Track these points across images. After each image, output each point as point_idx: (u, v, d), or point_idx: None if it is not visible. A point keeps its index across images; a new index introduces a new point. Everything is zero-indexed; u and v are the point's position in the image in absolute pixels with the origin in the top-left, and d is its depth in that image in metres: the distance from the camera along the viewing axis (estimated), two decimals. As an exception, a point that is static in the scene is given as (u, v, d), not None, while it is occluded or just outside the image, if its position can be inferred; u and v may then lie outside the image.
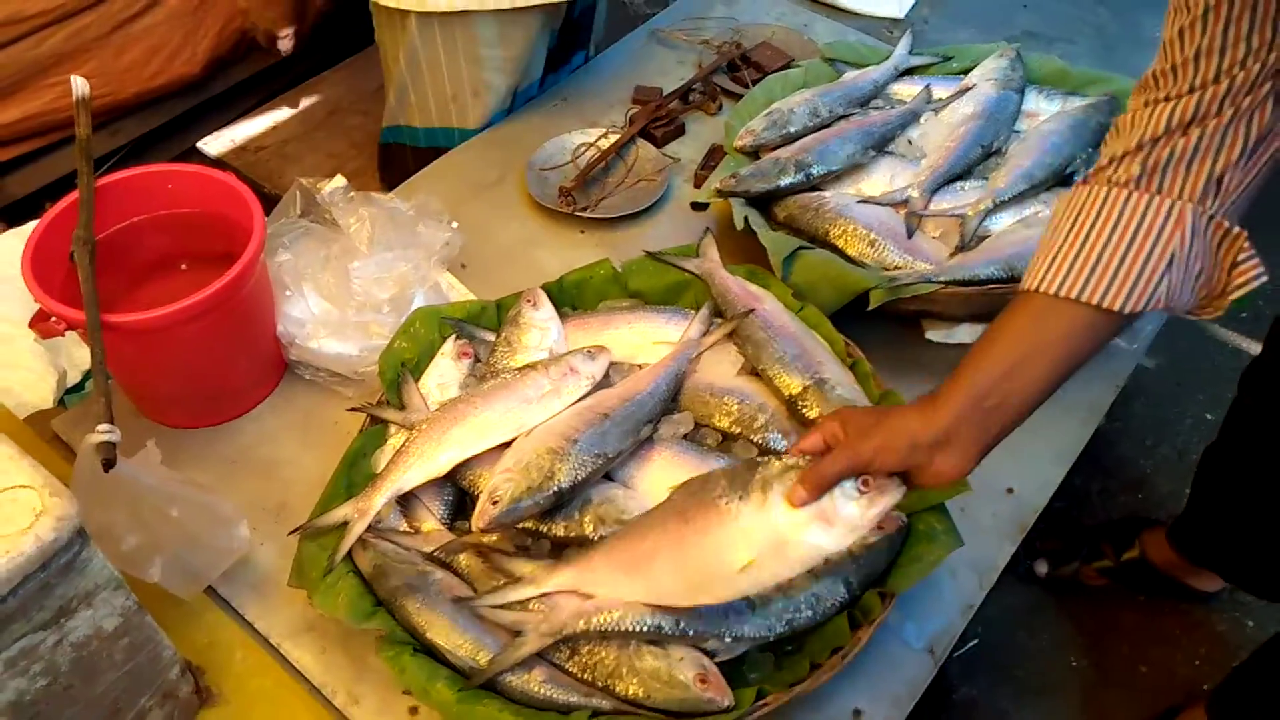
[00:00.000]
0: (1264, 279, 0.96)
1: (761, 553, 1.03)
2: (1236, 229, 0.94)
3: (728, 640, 1.13)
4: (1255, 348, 2.16)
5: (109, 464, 1.10)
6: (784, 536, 1.03)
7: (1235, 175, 0.91)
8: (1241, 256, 0.95)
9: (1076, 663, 1.87)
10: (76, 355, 1.79)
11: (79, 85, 1.40)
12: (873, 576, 1.18)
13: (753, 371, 1.42)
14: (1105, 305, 0.94)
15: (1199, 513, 1.73)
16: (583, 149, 1.91)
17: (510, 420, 1.29)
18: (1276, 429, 1.49)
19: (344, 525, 1.23)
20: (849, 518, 1.01)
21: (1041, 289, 0.97)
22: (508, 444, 1.29)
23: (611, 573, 1.12)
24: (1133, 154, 0.94)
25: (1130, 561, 1.87)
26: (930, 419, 0.99)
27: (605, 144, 1.90)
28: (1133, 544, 1.87)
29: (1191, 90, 0.91)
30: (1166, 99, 0.93)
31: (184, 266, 1.49)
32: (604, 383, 1.36)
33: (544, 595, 1.14)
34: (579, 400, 1.32)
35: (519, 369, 1.36)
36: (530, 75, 1.95)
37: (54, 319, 1.27)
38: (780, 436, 1.36)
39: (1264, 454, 1.51)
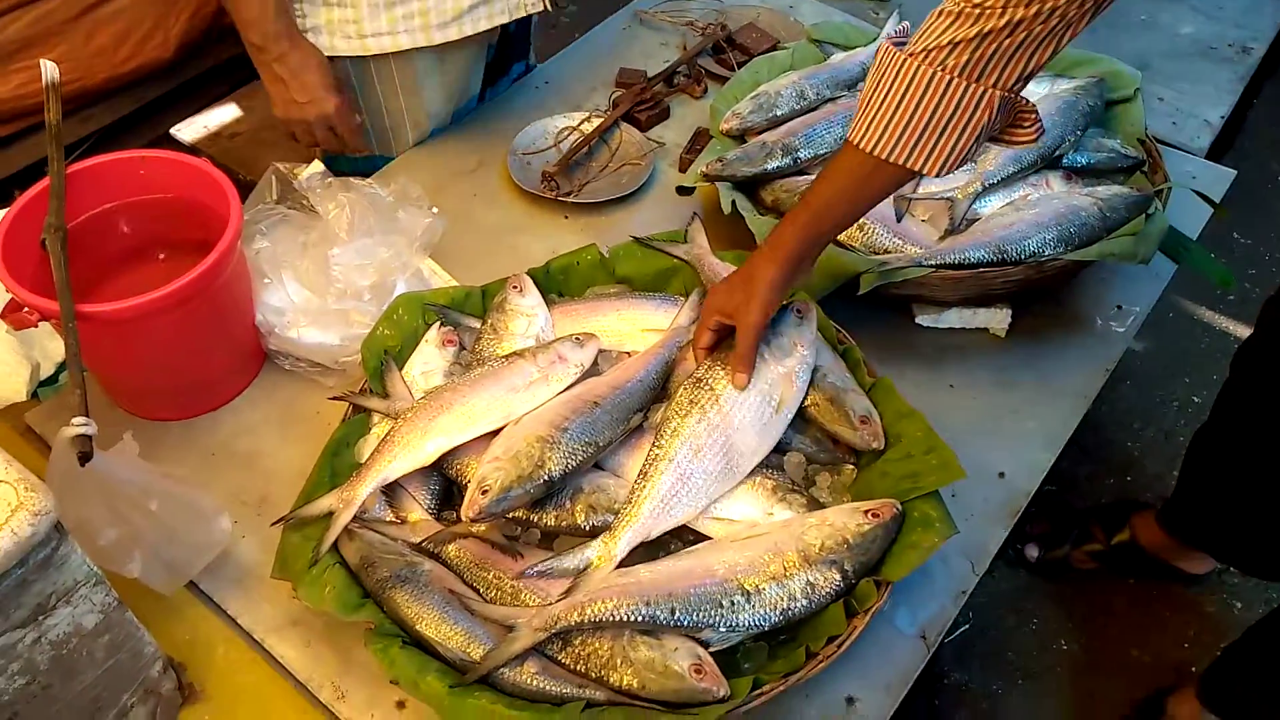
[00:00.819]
0: (1041, 136, 1.21)
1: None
2: (1027, 100, 1.17)
3: (722, 630, 1.11)
4: (1243, 330, 2.17)
5: (85, 457, 1.07)
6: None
7: (1042, 66, 1.11)
8: (1027, 121, 1.19)
9: (1067, 646, 1.88)
10: (50, 347, 1.75)
11: (49, 70, 1.36)
12: (868, 564, 1.17)
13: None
14: (924, 171, 1.15)
15: (1190, 493, 1.73)
16: (565, 133, 1.88)
17: (498, 408, 1.27)
18: (1268, 409, 1.49)
19: (328, 516, 1.21)
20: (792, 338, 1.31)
21: (873, 151, 1.15)
22: (495, 433, 1.26)
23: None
24: (966, 44, 1.07)
25: (1120, 544, 1.87)
26: (780, 263, 1.24)
27: (588, 128, 1.87)
28: (1123, 527, 1.88)
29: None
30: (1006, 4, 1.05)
31: (160, 255, 1.45)
32: (592, 370, 1.34)
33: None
34: (568, 388, 1.29)
35: (506, 356, 1.34)
36: (468, 94, 1.91)
37: (26, 309, 1.24)
38: (771, 423, 1.34)
39: (1255, 434, 1.52)
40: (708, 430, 1.23)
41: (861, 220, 1.57)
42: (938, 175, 1.16)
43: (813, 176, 1.66)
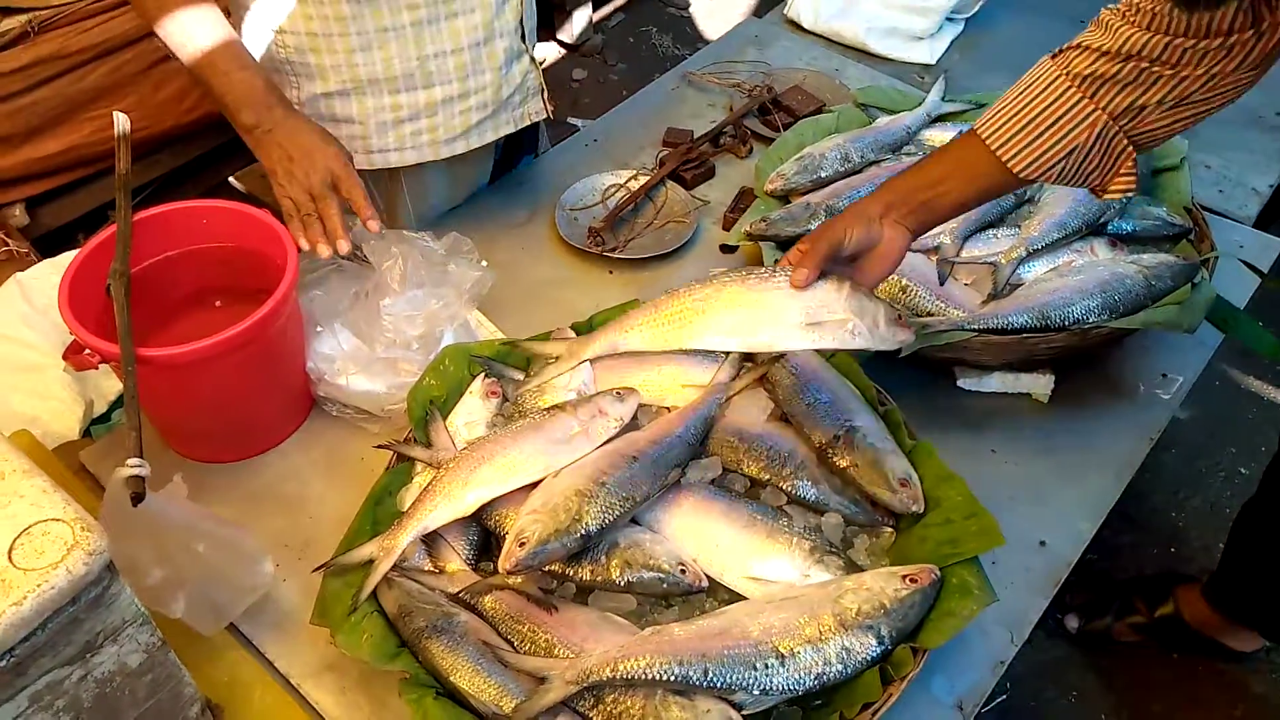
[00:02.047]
0: (1132, 193, 1.26)
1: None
2: (1131, 147, 1.20)
3: (755, 693, 1.10)
4: (1290, 400, 2.13)
5: (138, 498, 1.10)
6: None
7: (1154, 112, 1.16)
8: (1124, 170, 1.23)
9: (1108, 721, 1.83)
10: (104, 386, 1.80)
11: (120, 121, 1.42)
12: (905, 631, 1.16)
13: (782, 417, 1.41)
14: (1009, 165, 1.21)
15: (1236, 568, 1.70)
16: (612, 190, 1.91)
17: (538, 461, 1.28)
18: None
19: (369, 563, 1.22)
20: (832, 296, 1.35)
21: (981, 134, 1.23)
22: (534, 484, 1.28)
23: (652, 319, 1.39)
24: (1093, 53, 1.15)
25: (1164, 617, 1.83)
26: (877, 197, 1.31)
27: (635, 185, 1.91)
28: (1166, 599, 1.84)
29: (1168, 33, 1.10)
30: (1148, 28, 1.12)
31: (218, 302, 1.50)
32: (632, 425, 1.35)
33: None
34: (607, 442, 1.31)
35: (547, 409, 1.35)
36: (475, 188, 1.94)
37: (88, 351, 1.28)
38: (809, 484, 1.34)
39: None
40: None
41: (905, 282, 1.58)
42: (1019, 174, 1.21)
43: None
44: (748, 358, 1.46)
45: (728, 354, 1.45)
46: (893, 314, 1.38)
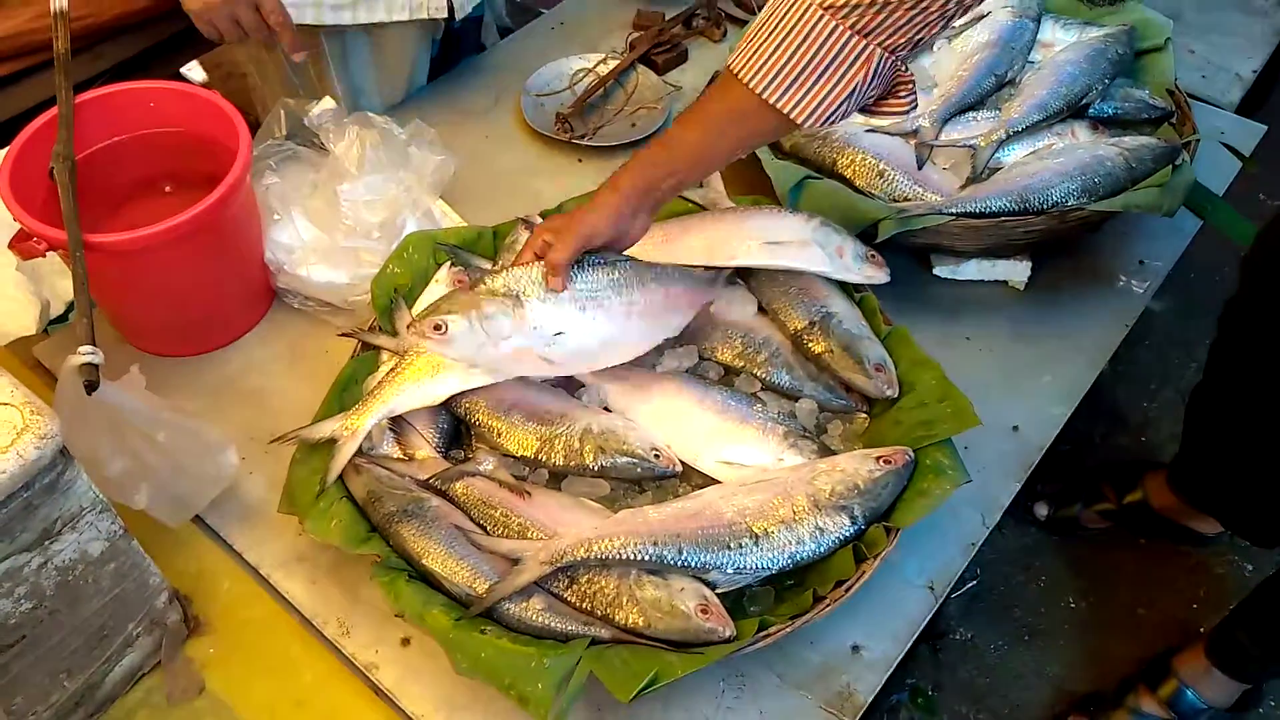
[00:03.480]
0: (913, 110, 1.15)
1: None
2: (907, 69, 1.12)
3: (729, 572, 1.10)
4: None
5: (91, 386, 1.06)
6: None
7: (930, 40, 1.10)
8: (903, 92, 1.14)
9: (1074, 604, 1.87)
10: (59, 286, 1.74)
11: (56, -2, 1.33)
12: (878, 511, 1.16)
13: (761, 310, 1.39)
14: (791, 116, 1.09)
15: (1191, 455, 1.71)
16: (581, 75, 1.85)
17: None
18: (1255, 367, 1.46)
19: (330, 443, 1.20)
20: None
21: (751, 85, 1.09)
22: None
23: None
24: (868, 5, 1.03)
25: (1132, 504, 1.86)
26: (624, 193, 1.17)
27: (604, 70, 1.84)
28: (1135, 486, 1.86)
29: None
30: None
31: (167, 189, 1.44)
32: None
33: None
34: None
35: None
36: (411, 86, 1.86)
37: (35, 239, 1.23)
38: (784, 371, 1.33)
39: (1246, 392, 1.49)
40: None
41: (882, 167, 1.55)
42: (803, 124, 1.10)
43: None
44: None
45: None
46: (862, 250, 1.37)
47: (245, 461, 1.30)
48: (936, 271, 1.57)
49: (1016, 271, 1.56)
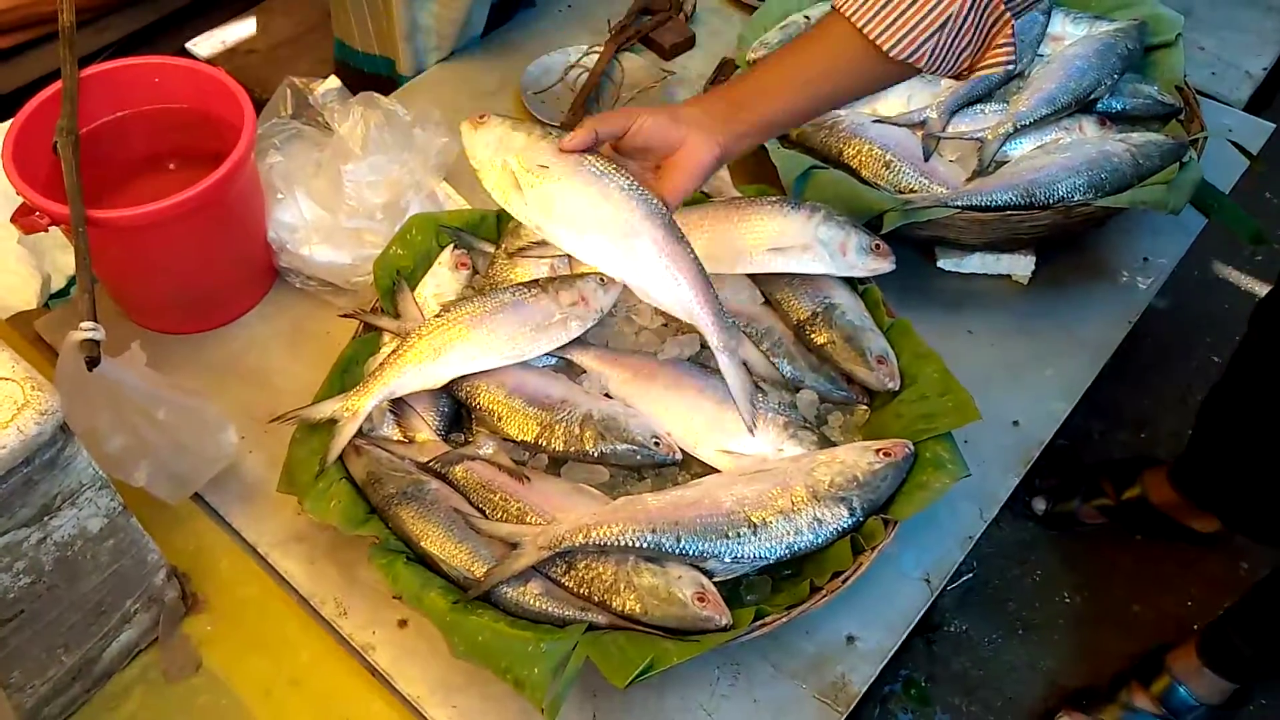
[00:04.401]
0: (1011, 67, 1.08)
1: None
2: (1009, 15, 1.04)
3: (727, 561, 1.11)
4: (1265, 290, 2.12)
5: (92, 362, 1.07)
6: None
7: None
8: (1002, 40, 1.05)
9: (1069, 599, 1.87)
10: (61, 260, 1.73)
11: (62, -33, 1.32)
12: (877, 503, 1.16)
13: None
14: (878, 42, 1.03)
15: (1200, 453, 1.71)
16: (572, 70, 1.83)
17: (514, 345, 1.25)
18: None
19: (331, 424, 1.20)
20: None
21: (843, 10, 1.05)
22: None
23: None
24: None
25: (1130, 500, 1.86)
26: (697, 98, 1.13)
27: (590, 62, 1.83)
28: (1134, 483, 1.86)
29: None
30: None
31: (171, 166, 1.44)
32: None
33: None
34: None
35: (525, 284, 1.31)
36: (469, 33, 1.86)
37: (37, 214, 1.22)
38: (785, 361, 1.33)
39: (1268, 394, 1.49)
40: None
41: (889, 158, 1.54)
42: (888, 51, 1.03)
43: (839, 110, 1.62)
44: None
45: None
46: (867, 242, 1.34)
47: (245, 440, 1.31)
48: (940, 264, 1.57)
49: (1020, 266, 1.56)
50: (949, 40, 1.03)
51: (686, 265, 1.10)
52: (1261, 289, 2.32)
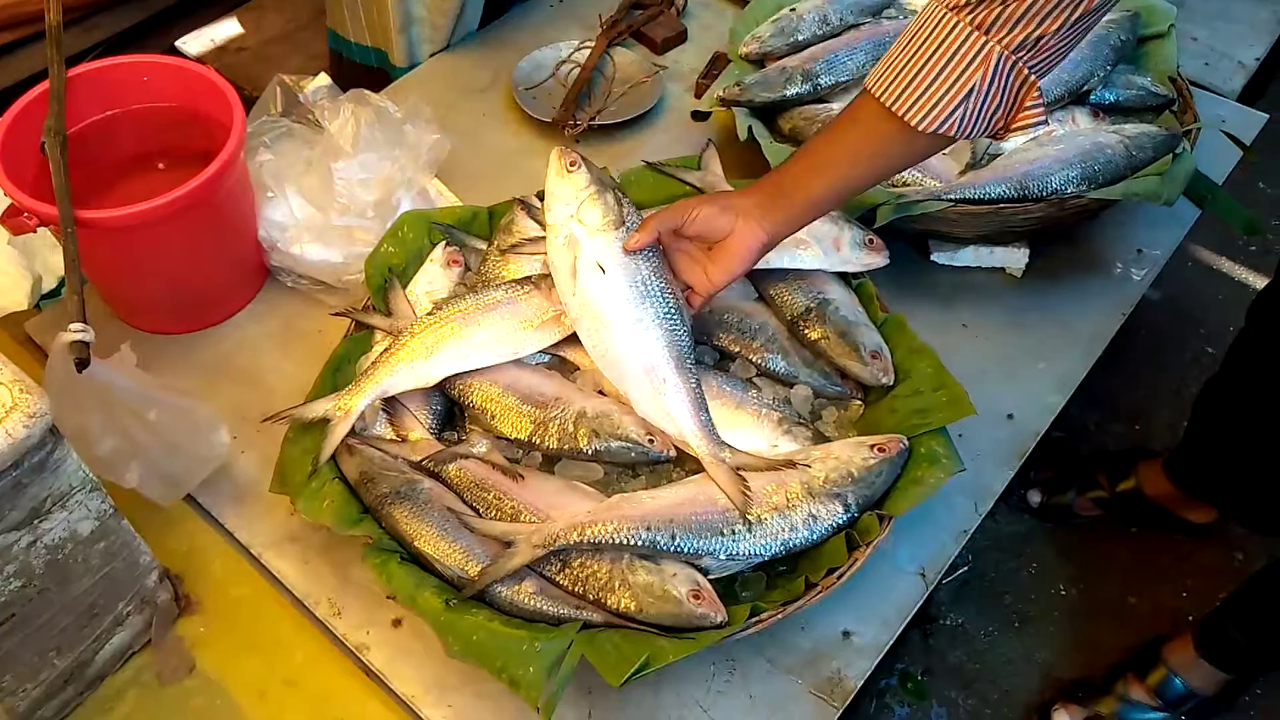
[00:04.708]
0: (1042, 122, 1.09)
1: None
2: (1034, 77, 1.05)
3: (722, 558, 1.10)
4: (1262, 282, 2.12)
5: (82, 364, 1.06)
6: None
7: (1051, 40, 1.02)
8: (1030, 102, 1.07)
9: (1065, 591, 1.87)
10: (51, 261, 1.72)
11: (47, -34, 1.31)
12: (872, 499, 1.16)
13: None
14: (905, 118, 1.05)
15: (1197, 444, 1.71)
16: (563, 65, 1.82)
17: (507, 343, 1.25)
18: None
19: (323, 423, 1.20)
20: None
21: (872, 90, 1.08)
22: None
23: None
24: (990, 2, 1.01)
25: (1125, 492, 1.86)
26: (745, 190, 1.18)
27: (581, 57, 1.82)
28: (1129, 474, 1.86)
29: None
30: None
31: (161, 165, 1.43)
32: None
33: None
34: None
35: (517, 281, 1.30)
36: (464, 25, 1.85)
37: (25, 214, 1.21)
38: (779, 357, 1.32)
39: (1266, 386, 1.49)
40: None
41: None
42: (916, 125, 1.05)
43: (832, 104, 1.62)
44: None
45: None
46: (860, 236, 1.35)
47: (237, 441, 1.30)
48: (934, 258, 1.57)
49: (1014, 259, 1.56)
50: (976, 108, 1.05)
51: (682, 403, 1.18)
52: (1256, 279, 2.32)
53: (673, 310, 1.19)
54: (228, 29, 2.28)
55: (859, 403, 1.32)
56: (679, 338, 1.19)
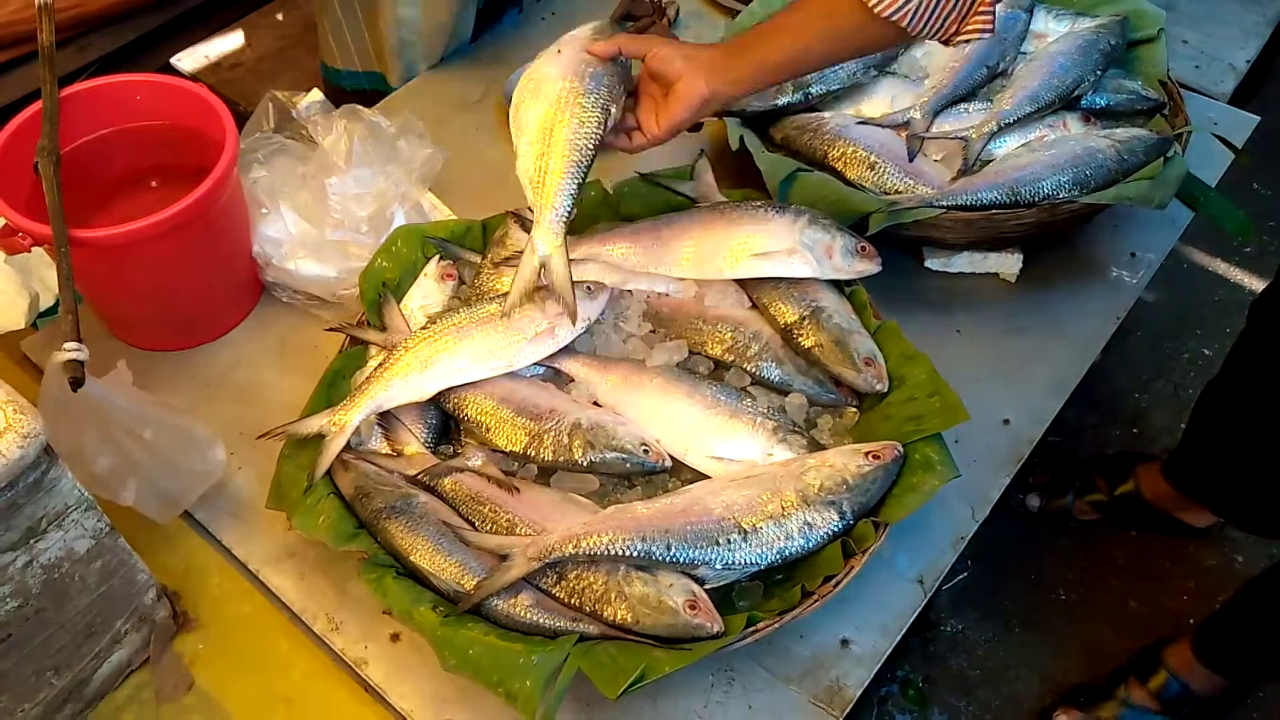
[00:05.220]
0: (988, 34, 1.16)
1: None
2: None
3: (718, 568, 1.10)
4: (1258, 284, 2.13)
5: (77, 383, 1.06)
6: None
7: None
8: (982, 9, 1.14)
9: (1065, 596, 1.87)
10: (49, 278, 1.73)
11: (40, -13, 1.32)
12: (867, 506, 1.16)
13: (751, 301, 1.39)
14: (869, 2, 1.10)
15: (1196, 446, 1.71)
16: None
17: (501, 356, 1.25)
18: None
19: (319, 438, 1.20)
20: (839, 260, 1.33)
21: None
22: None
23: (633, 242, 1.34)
24: None
25: (1123, 495, 1.86)
26: (706, 46, 1.22)
27: None
28: (1127, 478, 1.86)
29: None
30: None
31: (154, 183, 1.43)
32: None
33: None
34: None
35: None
36: (457, 38, 1.86)
37: (20, 234, 1.22)
38: (774, 365, 1.33)
39: (1267, 387, 1.49)
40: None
41: (873, 159, 1.54)
42: (875, 9, 1.10)
43: (824, 113, 1.62)
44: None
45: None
46: (853, 244, 1.35)
47: (233, 457, 1.30)
48: (928, 264, 1.57)
49: (1008, 264, 1.56)
50: (932, 3, 1.11)
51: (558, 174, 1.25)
52: (1251, 281, 2.33)
53: (597, 112, 1.21)
54: (222, 45, 2.29)
55: (853, 410, 1.32)
56: (589, 130, 1.21)
